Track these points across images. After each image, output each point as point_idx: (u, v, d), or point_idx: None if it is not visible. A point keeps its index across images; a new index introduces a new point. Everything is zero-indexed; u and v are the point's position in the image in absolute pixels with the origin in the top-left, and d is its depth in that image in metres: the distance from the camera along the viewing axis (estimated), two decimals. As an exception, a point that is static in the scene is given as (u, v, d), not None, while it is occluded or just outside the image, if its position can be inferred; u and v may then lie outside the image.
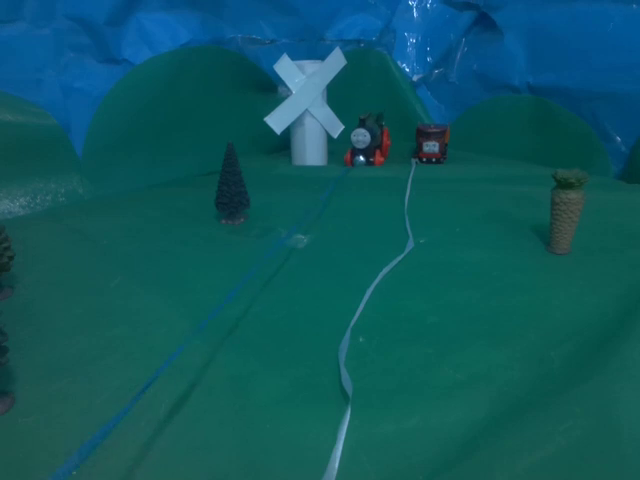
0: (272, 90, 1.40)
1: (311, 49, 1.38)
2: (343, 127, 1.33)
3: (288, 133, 1.31)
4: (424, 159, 1.30)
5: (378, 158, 1.29)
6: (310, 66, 1.25)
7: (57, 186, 1.09)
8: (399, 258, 0.80)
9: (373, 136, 1.24)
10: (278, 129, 1.23)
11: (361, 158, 1.26)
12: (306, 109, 1.25)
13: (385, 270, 0.76)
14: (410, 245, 0.84)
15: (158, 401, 0.50)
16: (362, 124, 1.24)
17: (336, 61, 1.27)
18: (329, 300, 0.69)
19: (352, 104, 1.49)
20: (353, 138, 1.25)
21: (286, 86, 1.25)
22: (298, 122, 1.28)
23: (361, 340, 0.60)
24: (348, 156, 1.29)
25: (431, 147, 1.28)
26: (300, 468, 0.43)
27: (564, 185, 0.75)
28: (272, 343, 0.60)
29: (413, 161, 1.29)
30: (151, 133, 1.20)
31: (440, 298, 0.69)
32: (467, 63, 1.49)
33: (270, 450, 0.45)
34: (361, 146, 1.25)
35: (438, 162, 1.30)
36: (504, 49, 1.36)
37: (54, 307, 0.68)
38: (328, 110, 1.30)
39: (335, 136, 1.32)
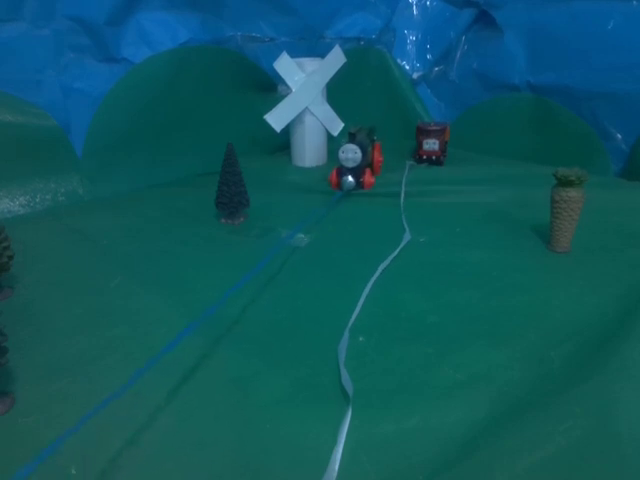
0: (272, 89, 1.40)
1: (311, 47, 1.38)
2: (343, 125, 1.33)
3: (288, 133, 1.31)
4: (424, 157, 1.30)
5: (368, 178, 1.10)
6: (310, 64, 1.25)
7: (57, 186, 1.09)
8: (397, 250, 0.80)
9: (364, 153, 1.06)
10: (278, 127, 1.23)
11: (350, 179, 1.07)
12: (306, 107, 1.25)
13: (383, 264, 0.76)
14: (407, 237, 0.85)
15: (156, 402, 0.50)
16: (352, 139, 1.06)
17: (336, 59, 1.27)
18: (330, 299, 0.69)
19: (352, 102, 1.49)
20: (342, 155, 1.06)
21: (286, 84, 1.25)
22: (298, 120, 1.27)
23: (361, 340, 0.60)
24: (334, 176, 1.10)
25: (431, 145, 1.28)
26: (300, 468, 0.43)
27: (564, 183, 0.75)
28: (275, 342, 0.60)
29: (408, 163, 1.28)
30: (151, 133, 1.20)
31: (440, 298, 0.69)
32: (467, 61, 1.48)
33: (270, 450, 0.45)
34: (350, 165, 1.06)
35: (438, 160, 1.30)
36: (504, 48, 1.35)
37: (54, 307, 0.68)
38: (328, 108, 1.30)
39: (335, 134, 1.32)
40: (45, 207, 1.06)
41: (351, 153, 1.05)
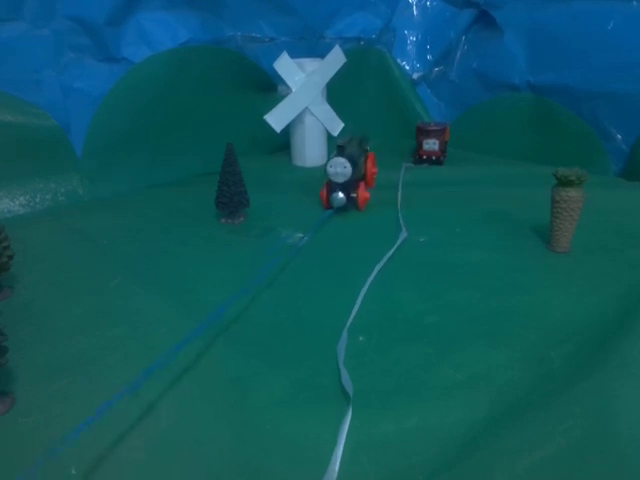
0: (272, 89, 1.40)
1: (311, 47, 1.38)
2: (343, 125, 1.33)
3: (288, 133, 1.31)
4: (424, 157, 1.30)
5: (362, 193, 0.99)
6: (310, 64, 1.25)
7: (57, 186, 1.09)
8: (393, 249, 0.81)
9: (354, 166, 0.96)
10: (278, 127, 1.23)
11: (340, 195, 0.96)
12: (306, 107, 1.25)
13: (380, 264, 0.76)
14: (403, 234, 0.85)
15: (156, 402, 0.50)
16: (341, 152, 0.97)
17: (336, 59, 1.27)
18: (330, 300, 0.69)
19: (352, 102, 1.49)
20: (330, 170, 0.96)
21: (286, 84, 1.25)
22: (298, 120, 1.28)
23: (361, 339, 0.60)
24: (324, 191, 1.00)
25: (431, 145, 1.28)
26: (300, 468, 0.43)
27: (564, 183, 0.75)
28: (275, 342, 0.60)
29: (404, 165, 1.28)
30: (151, 133, 1.20)
31: (440, 298, 0.69)
32: (467, 61, 1.49)
33: (270, 450, 0.45)
34: (340, 180, 0.96)
35: (438, 160, 1.30)
36: (504, 48, 1.35)
37: (54, 307, 0.68)
38: (328, 108, 1.30)
39: (335, 134, 1.32)
40: (45, 207, 1.06)
41: (340, 167, 0.95)
